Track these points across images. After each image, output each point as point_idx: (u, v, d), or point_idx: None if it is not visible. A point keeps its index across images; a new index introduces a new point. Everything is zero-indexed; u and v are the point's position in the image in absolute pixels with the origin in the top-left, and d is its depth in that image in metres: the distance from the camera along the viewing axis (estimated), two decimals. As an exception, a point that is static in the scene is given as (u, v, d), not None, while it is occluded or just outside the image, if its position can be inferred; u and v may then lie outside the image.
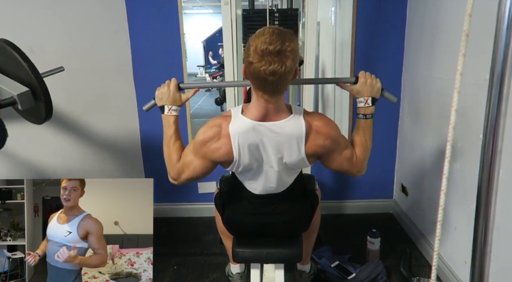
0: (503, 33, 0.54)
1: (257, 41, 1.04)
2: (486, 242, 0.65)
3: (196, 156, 1.24)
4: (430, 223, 2.04)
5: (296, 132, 1.18)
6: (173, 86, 1.30)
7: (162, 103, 1.31)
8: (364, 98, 1.29)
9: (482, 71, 1.38)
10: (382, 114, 2.37)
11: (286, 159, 1.22)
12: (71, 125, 2.31)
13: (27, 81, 1.21)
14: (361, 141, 1.31)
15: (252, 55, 1.05)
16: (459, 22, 1.67)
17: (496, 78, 0.56)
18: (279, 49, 1.02)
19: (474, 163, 1.54)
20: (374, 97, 1.30)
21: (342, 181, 2.58)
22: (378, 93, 1.31)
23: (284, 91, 1.16)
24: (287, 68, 1.05)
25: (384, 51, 2.29)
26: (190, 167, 1.26)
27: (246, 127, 1.17)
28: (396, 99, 1.35)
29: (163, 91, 1.31)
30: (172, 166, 1.29)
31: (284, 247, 1.41)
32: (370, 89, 1.28)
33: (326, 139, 1.21)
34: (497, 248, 0.77)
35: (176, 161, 1.28)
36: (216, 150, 1.20)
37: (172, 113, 1.31)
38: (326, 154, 1.25)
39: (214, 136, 1.19)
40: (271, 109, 1.16)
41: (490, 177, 0.62)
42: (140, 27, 2.27)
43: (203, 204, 2.55)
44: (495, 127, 0.59)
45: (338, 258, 1.99)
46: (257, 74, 1.07)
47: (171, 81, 1.32)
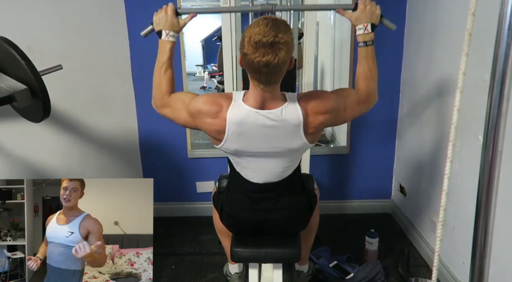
0: (505, 33, 0.54)
1: (251, 32, 1.06)
2: (485, 243, 0.65)
3: (186, 111, 1.26)
4: (428, 223, 2.04)
5: (294, 120, 1.19)
6: (170, 11, 1.30)
7: (160, 28, 1.32)
8: (364, 25, 1.28)
9: (480, 71, 1.38)
10: (381, 115, 2.39)
11: (285, 144, 1.24)
12: (69, 124, 2.30)
13: (25, 79, 1.21)
14: (365, 72, 1.30)
15: (246, 46, 1.07)
16: (458, 23, 1.67)
17: (497, 78, 0.56)
18: (273, 41, 1.04)
19: (473, 163, 1.54)
20: (374, 24, 1.29)
21: (340, 181, 2.58)
22: (378, 20, 1.30)
23: (279, 81, 1.18)
24: (281, 60, 1.07)
25: (384, 51, 2.29)
26: (175, 111, 1.29)
27: (243, 115, 1.19)
28: (395, 27, 1.34)
29: (161, 16, 1.31)
30: (159, 95, 1.31)
31: (282, 246, 1.41)
32: (369, 15, 1.28)
33: (325, 114, 1.22)
34: (496, 249, 0.77)
35: (165, 92, 1.30)
36: (208, 123, 1.23)
37: (169, 38, 1.31)
38: (333, 121, 1.27)
39: (212, 113, 1.21)
40: (267, 98, 1.19)
41: (490, 178, 0.62)
42: (139, 26, 2.24)
43: (201, 203, 2.55)
44: (496, 128, 0.59)
45: (336, 258, 1.99)
46: (252, 65, 1.09)
47: (168, 6, 1.32)
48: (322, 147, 2.75)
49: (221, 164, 2.29)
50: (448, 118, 1.81)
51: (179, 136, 2.45)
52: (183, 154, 2.49)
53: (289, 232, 1.45)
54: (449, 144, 0.53)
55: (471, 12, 0.46)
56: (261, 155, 1.27)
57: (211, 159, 2.49)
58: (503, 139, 0.60)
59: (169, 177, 2.55)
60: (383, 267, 1.91)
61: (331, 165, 2.57)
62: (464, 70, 0.50)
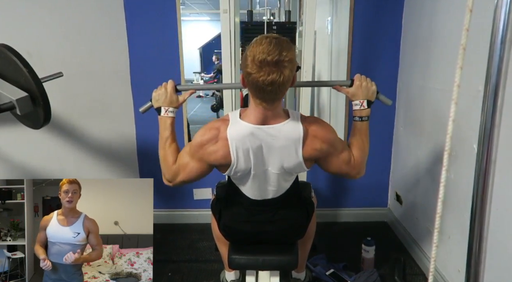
0: (497, 47, 0.56)
1: (255, 51, 1.05)
2: (480, 250, 0.66)
3: (193, 158, 1.25)
4: (424, 232, 2.06)
5: (294, 136, 1.19)
6: (170, 88, 1.31)
7: (159, 105, 1.32)
8: (360, 101, 1.31)
9: (475, 82, 1.41)
10: (377, 123, 2.40)
11: (283, 162, 1.23)
12: (67, 130, 2.30)
13: (26, 86, 1.21)
14: (358, 143, 1.32)
15: (250, 66, 1.06)
16: (453, 34, 1.71)
17: (490, 90, 0.58)
18: (277, 60, 1.04)
19: (468, 172, 1.56)
20: (370, 100, 1.32)
21: (337, 189, 2.59)
22: (374, 96, 1.33)
23: (282, 99, 1.18)
24: (285, 78, 1.07)
25: (380, 62, 2.33)
26: (186, 169, 1.27)
27: (244, 131, 1.18)
28: (391, 102, 1.38)
29: (160, 93, 1.32)
30: (167, 168, 1.29)
31: (279, 254, 1.42)
32: (365, 92, 1.30)
33: (323, 143, 1.22)
34: (491, 257, 0.78)
35: (172, 163, 1.29)
36: (213, 152, 1.21)
37: (168, 115, 1.32)
38: (323, 157, 1.26)
39: (212, 139, 1.20)
40: (269, 115, 1.18)
41: (484, 186, 0.63)
42: (138, 33, 2.28)
43: (199, 210, 2.55)
44: (490, 137, 0.61)
45: (333, 266, 1.99)
46: (256, 84, 1.08)
47: (167, 83, 1.33)
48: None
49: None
50: (444, 127, 1.83)
51: (177, 143, 2.46)
52: (181, 161, 2.50)
53: (287, 242, 1.46)
54: (445, 153, 0.55)
55: (465, 28, 0.48)
56: (261, 173, 1.26)
57: (209, 166, 2.49)
58: (496, 149, 0.61)
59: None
60: (380, 276, 1.92)
61: (328, 173, 2.58)
62: (458, 82, 0.52)
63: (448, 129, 0.53)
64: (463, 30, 0.48)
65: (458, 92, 0.54)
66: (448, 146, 0.55)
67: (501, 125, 0.60)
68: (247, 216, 1.38)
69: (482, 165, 0.62)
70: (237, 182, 1.35)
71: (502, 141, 0.61)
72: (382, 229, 2.51)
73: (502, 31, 0.54)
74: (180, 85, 1.35)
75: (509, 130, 1.15)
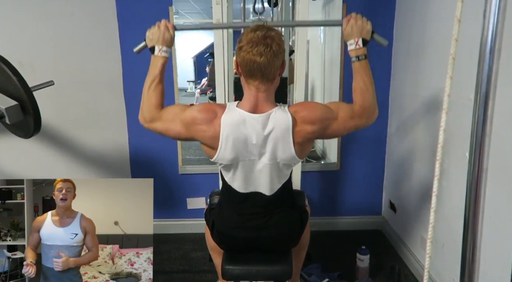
0: (487, 56, 0.56)
1: (248, 34, 1.18)
2: (474, 259, 0.66)
3: (181, 121, 1.26)
4: (418, 240, 2.05)
5: (284, 125, 1.22)
6: (163, 27, 1.32)
7: (153, 44, 1.33)
8: (354, 40, 1.29)
9: (466, 90, 1.42)
10: (370, 132, 2.42)
11: (276, 151, 1.25)
12: (59, 139, 2.28)
13: (16, 95, 1.20)
14: (360, 87, 1.30)
15: (243, 42, 1.18)
16: (443, 43, 1.73)
17: (480, 99, 0.58)
18: (265, 34, 1.16)
19: (461, 180, 1.57)
20: (365, 39, 1.30)
21: (331, 198, 2.59)
22: (369, 35, 1.31)
23: (273, 80, 1.23)
24: (274, 51, 1.16)
25: (372, 71, 2.33)
26: (166, 123, 1.29)
27: (238, 119, 1.22)
28: (387, 43, 1.34)
29: (154, 31, 1.32)
30: (148, 109, 1.30)
31: (274, 264, 1.40)
32: (359, 30, 1.29)
33: (313, 125, 1.24)
34: (485, 265, 0.78)
35: (155, 106, 1.30)
36: (202, 131, 1.24)
37: (162, 54, 1.32)
38: (322, 132, 1.27)
39: (206, 119, 1.23)
40: (261, 99, 1.23)
41: (477, 195, 0.63)
42: (131, 42, 2.26)
43: (192, 220, 2.53)
44: (481, 146, 0.61)
45: (328, 275, 1.97)
46: (246, 57, 1.17)
47: (161, 22, 1.33)
48: (313, 163, 2.76)
49: (212, 180, 2.28)
50: (436, 135, 1.84)
51: (170, 152, 2.44)
52: (174, 170, 2.48)
53: (280, 249, 1.45)
54: (436, 163, 0.55)
55: (454, 38, 0.49)
56: (252, 163, 1.28)
57: (202, 175, 2.48)
58: (488, 157, 0.62)
59: (160, 193, 2.52)
60: (374, 284, 1.91)
61: (322, 181, 2.58)
62: (448, 92, 0.52)
63: (440, 139, 0.53)
64: (452, 40, 0.48)
65: (448, 101, 0.54)
66: (439, 156, 0.55)
67: (491, 133, 0.60)
68: (240, 222, 1.37)
69: (474, 172, 0.62)
70: (225, 173, 1.35)
71: (493, 149, 0.62)
72: (377, 237, 2.50)
73: (491, 41, 0.55)
74: (177, 25, 1.35)
75: (501, 138, 1.16)
